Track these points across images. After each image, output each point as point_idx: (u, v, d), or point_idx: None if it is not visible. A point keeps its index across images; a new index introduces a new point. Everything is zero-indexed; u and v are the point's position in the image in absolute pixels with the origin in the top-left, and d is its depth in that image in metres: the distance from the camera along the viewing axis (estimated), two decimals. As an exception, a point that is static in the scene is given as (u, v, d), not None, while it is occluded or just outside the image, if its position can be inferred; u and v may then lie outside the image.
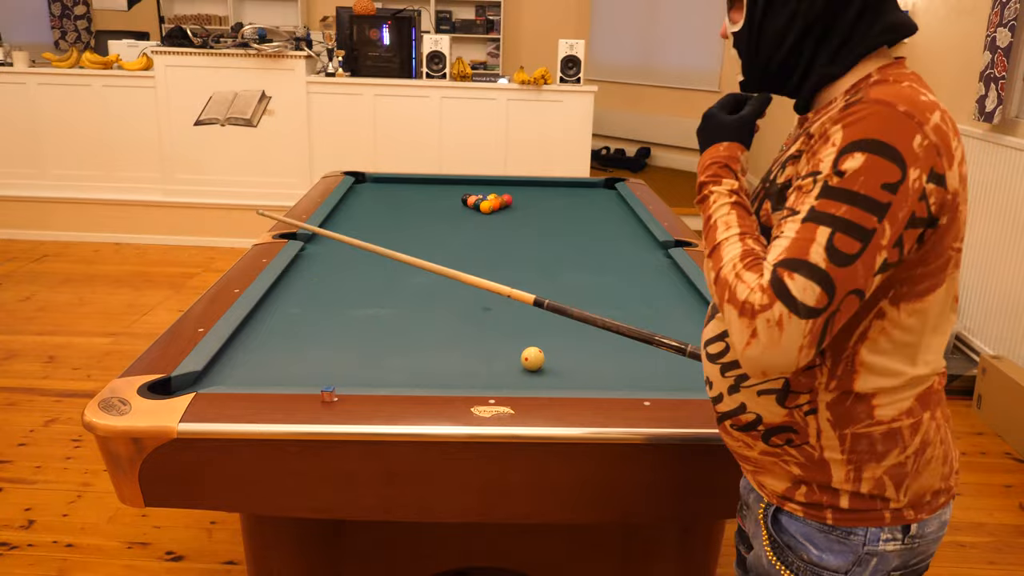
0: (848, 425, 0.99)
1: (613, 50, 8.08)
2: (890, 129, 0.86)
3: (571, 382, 1.66)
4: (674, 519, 1.50)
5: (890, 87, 0.91)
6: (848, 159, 0.87)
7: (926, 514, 1.03)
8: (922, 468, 1.01)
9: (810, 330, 0.86)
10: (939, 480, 1.04)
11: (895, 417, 0.99)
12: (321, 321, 1.96)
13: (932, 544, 1.06)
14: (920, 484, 1.02)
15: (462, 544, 1.83)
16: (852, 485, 1.00)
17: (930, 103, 0.90)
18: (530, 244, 2.64)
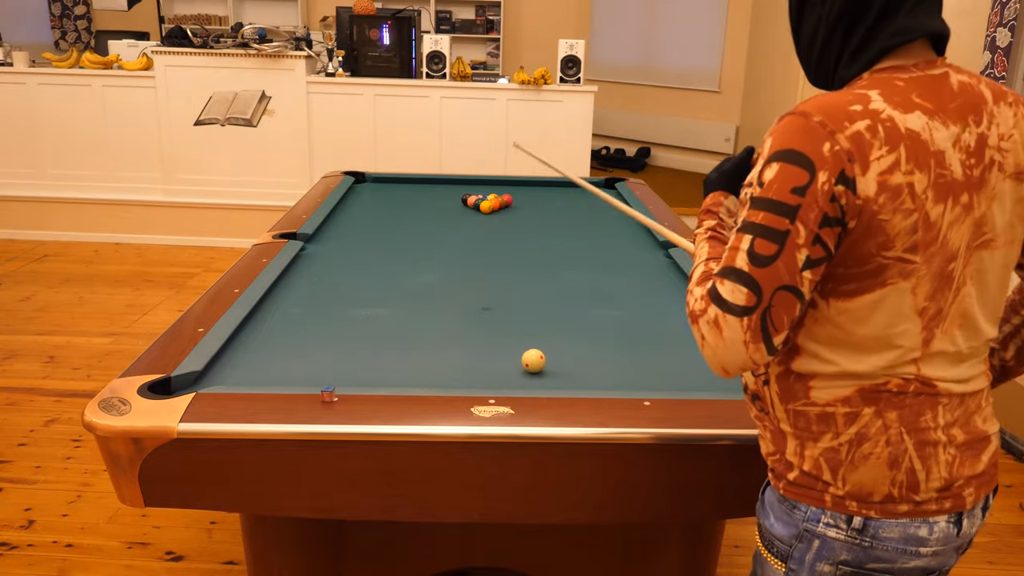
0: (790, 400, 1.07)
1: (613, 50, 8.08)
2: (802, 138, 0.94)
3: (571, 382, 1.66)
4: (674, 519, 1.50)
5: (827, 96, 0.98)
6: (767, 169, 0.97)
7: (876, 514, 1.04)
8: (858, 461, 1.04)
9: (748, 327, 0.97)
10: (886, 483, 1.04)
11: (829, 402, 1.04)
12: (321, 321, 1.96)
13: (897, 556, 1.05)
14: (859, 477, 1.04)
15: (462, 544, 1.83)
16: (798, 459, 1.08)
17: (860, 112, 0.94)
18: (530, 244, 2.64)
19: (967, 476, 1.07)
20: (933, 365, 1.04)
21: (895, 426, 1.03)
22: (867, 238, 0.96)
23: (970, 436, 1.08)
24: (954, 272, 1.00)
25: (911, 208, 0.95)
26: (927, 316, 1.01)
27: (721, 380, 1.67)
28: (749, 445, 1.42)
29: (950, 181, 0.97)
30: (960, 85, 1.00)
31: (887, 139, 0.94)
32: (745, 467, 1.44)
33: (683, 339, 1.90)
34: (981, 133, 0.99)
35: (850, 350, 1.02)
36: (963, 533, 1.09)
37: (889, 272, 0.98)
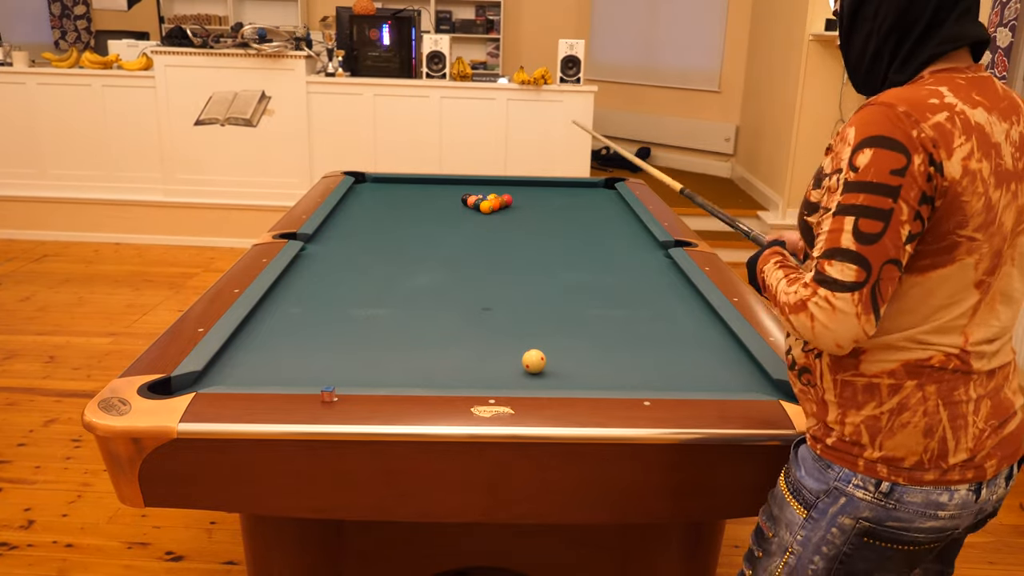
0: (839, 372, 1.16)
1: (613, 50, 8.08)
2: (891, 125, 1.03)
3: (571, 382, 1.66)
4: (674, 519, 1.50)
5: (904, 90, 1.07)
6: (859, 155, 1.04)
7: (903, 480, 1.13)
8: (896, 429, 1.13)
9: (859, 300, 1.05)
10: (919, 451, 1.13)
11: (876, 373, 1.13)
12: (321, 321, 1.96)
13: (916, 518, 1.13)
14: (894, 444, 1.13)
15: (462, 544, 1.83)
16: (839, 426, 1.17)
17: (939, 105, 1.04)
18: (530, 244, 2.64)
19: (991, 447, 1.16)
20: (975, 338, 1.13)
21: (933, 398, 1.12)
22: (948, 217, 1.05)
23: (997, 408, 1.17)
24: (1002, 250, 1.11)
25: (982, 192, 1.05)
26: (982, 288, 1.11)
27: (721, 380, 1.67)
28: (749, 445, 1.42)
29: (1006, 170, 1.08)
30: (1003, 89, 1.12)
31: (963, 130, 1.04)
32: (745, 467, 1.44)
33: (683, 339, 1.90)
34: (1022, 131, 1.10)
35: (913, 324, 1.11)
36: (981, 500, 1.16)
37: (960, 249, 1.07)
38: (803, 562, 1.19)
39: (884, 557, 1.17)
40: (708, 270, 2.31)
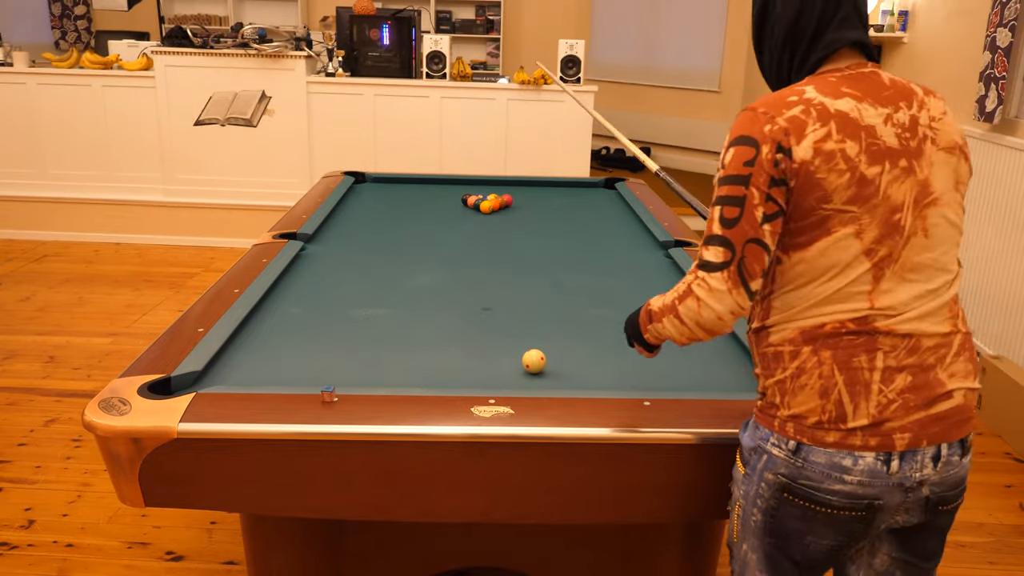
0: (759, 346, 1.30)
1: (613, 50, 8.08)
2: (749, 125, 1.21)
3: (571, 382, 1.66)
4: (674, 519, 1.50)
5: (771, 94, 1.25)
6: (726, 155, 1.23)
7: (807, 440, 1.23)
8: (796, 390, 1.24)
9: (728, 277, 1.21)
10: (818, 411, 1.22)
11: (779, 342, 1.26)
12: (321, 321, 1.96)
13: (824, 479, 1.22)
14: (796, 403, 1.24)
15: (462, 544, 1.84)
16: (762, 392, 1.31)
17: (796, 101, 1.20)
18: (530, 244, 2.64)
19: (907, 422, 1.21)
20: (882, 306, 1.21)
21: (828, 363, 1.22)
22: (807, 193, 1.19)
23: (921, 385, 1.22)
24: (901, 222, 1.21)
25: (844, 168, 1.18)
26: (875, 256, 1.20)
27: (721, 380, 1.67)
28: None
29: (884, 148, 1.20)
30: (891, 80, 1.26)
31: (819, 117, 1.19)
32: (745, 467, 1.44)
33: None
34: (913, 115, 1.23)
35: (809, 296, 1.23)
36: (898, 474, 1.22)
37: (832, 221, 1.19)
38: (746, 514, 1.32)
39: (808, 518, 1.25)
40: (708, 270, 2.30)
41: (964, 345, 1.28)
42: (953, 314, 1.27)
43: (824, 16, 1.25)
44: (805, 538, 1.27)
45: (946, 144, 1.25)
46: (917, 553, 1.32)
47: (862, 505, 1.23)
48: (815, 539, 1.27)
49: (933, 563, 1.35)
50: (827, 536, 1.26)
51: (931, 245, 1.23)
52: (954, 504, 1.30)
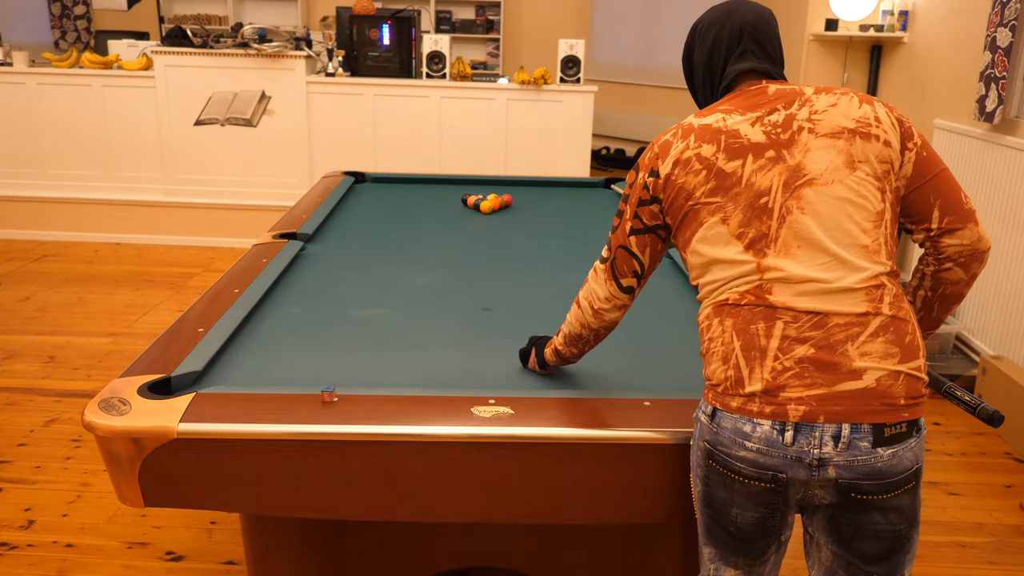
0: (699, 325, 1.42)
1: (613, 50, 8.08)
2: (641, 155, 1.46)
3: (571, 382, 1.66)
4: (674, 519, 1.50)
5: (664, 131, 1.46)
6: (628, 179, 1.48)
7: (719, 405, 1.31)
8: (710, 358, 1.35)
9: (606, 270, 1.51)
10: (722, 377, 1.31)
11: (701, 320, 1.39)
12: (321, 321, 1.96)
13: (731, 445, 1.29)
14: (710, 372, 1.34)
15: (462, 544, 1.84)
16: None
17: (673, 131, 1.42)
18: (530, 244, 2.64)
19: (805, 395, 1.25)
20: (773, 282, 1.30)
21: (729, 330, 1.32)
22: (675, 197, 1.39)
23: (825, 360, 1.25)
24: (769, 204, 1.32)
25: (699, 168, 1.35)
26: (747, 240, 1.33)
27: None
28: (749, 445, 1.42)
29: (747, 144, 1.34)
30: (777, 90, 1.39)
31: (683, 135, 1.39)
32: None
33: (683, 340, 1.90)
34: (790, 113, 1.35)
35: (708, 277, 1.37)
36: (794, 447, 1.24)
37: (701, 214, 1.36)
38: (695, 482, 1.38)
39: (728, 486, 1.31)
40: (708, 270, 2.30)
41: (887, 327, 1.27)
42: (873, 296, 1.28)
43: (728, 54, 1.46)
44: (731, 509, 1.32)
45: (828, 131, 1.33)
46: (855, 552, 1.29)
47: (767, 476, 1.27)
48: (740, 510, 1.31)
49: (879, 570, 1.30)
50: (749, 508, 1.30)
51: (817, 223, 1.30)
52: (877, 498, 1.26)
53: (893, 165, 1.34)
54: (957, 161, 3.88)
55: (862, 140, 1.33)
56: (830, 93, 1.39)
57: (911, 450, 1.27)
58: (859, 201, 1.31)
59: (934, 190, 1.36)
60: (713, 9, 1.52)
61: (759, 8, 1.48)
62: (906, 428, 1.26)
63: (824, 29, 5.10)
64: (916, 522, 1.32)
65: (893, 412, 1.25)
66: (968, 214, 1.36)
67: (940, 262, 1.41)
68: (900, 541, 1.29)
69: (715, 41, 1.47)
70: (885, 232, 1.32)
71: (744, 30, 1.45)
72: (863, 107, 1.35)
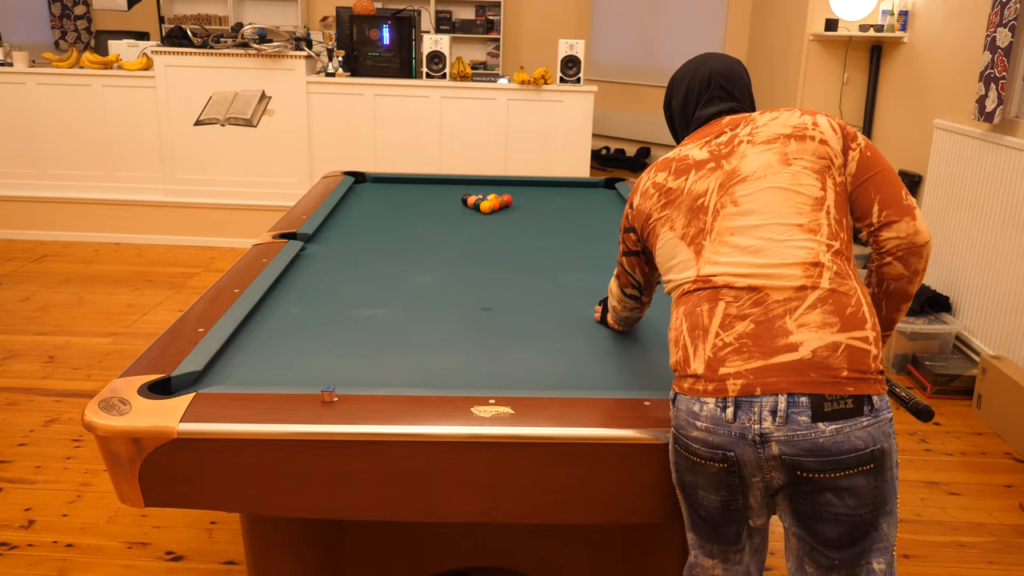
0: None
1: (613, 50, 8.08)
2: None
3: (571, 382, 1.66)
4: (674, 519, 1.50)
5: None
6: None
7: (677, 389, 1.37)
8: (670, 346, 1.43)
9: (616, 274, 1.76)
10: (675, 361, 1.39)
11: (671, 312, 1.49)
12: (321, 321, 1.96)
13: (687, 426, 1.33)
14: (670, 357, 1.42)
15: (462, 544, 1.84)
16: None
17: (647, 169, 1.58)
18: (530, 244, 2.65)
19: (743, 368, 1.28)
20: (710, 266, 1.38)
21: (680, 315, 1.40)
22: (644, 223, 1.54)
23: (764, 332, 1.29)
24: (705, 203, 1.43)
25: (653, 192, 1.52)
26: (688, 237, 1.44)
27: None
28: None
29: (692, 163, 1.48)
30: (730, 120, 1.53)
31: (649, 170, 1.57)
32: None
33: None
34: (733, 133, 1.48)
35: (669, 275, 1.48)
36: (737, 423, 1.27)
37: (658, 228, 1.50)
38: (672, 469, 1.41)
39: (691, 469, 1.34)
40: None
41: (825, 299, 1.30)
42: (811, 273, 1.32)
43: (698, 100, 1.60)
44: (698, 492, 1.35)
45: (765, 139, 1.44)
46: (816, 535, 1.29)
47: (718, 456, 1.30)
48: (705, 493, 1.35)
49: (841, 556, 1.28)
50: (711, 490, 1.33)
51: (750, 211, 1.39)
52: (824, 477, 1.24)
53: (833, 161, 1.41)
54: (957, 161, 3.88)
55: (797, 141, 1.42)
56: (775, 111, 1.49)
57: (862, 429, 1.24)
58: (794, 188, 1.39)
59: (875, 186, 1.41)
60: (688, 63, 1.67)
61: (728, 59, 1.63)
62: (852, 404, 1.24)
63: (824, 29, 5.10)
64: (885, 511, 1.28)
65: (833, 385, 1.24)
66: (906, 208, 1.41)
67: (881, 256, 1.44)
68: (863, 528, 1.27)
69: (687, 90, 1.62)
70: (828, 217, 1.37)
71: (712, 78, 1.59)
72: (803, 117, 1.45)
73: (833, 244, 1.36)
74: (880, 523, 1.28)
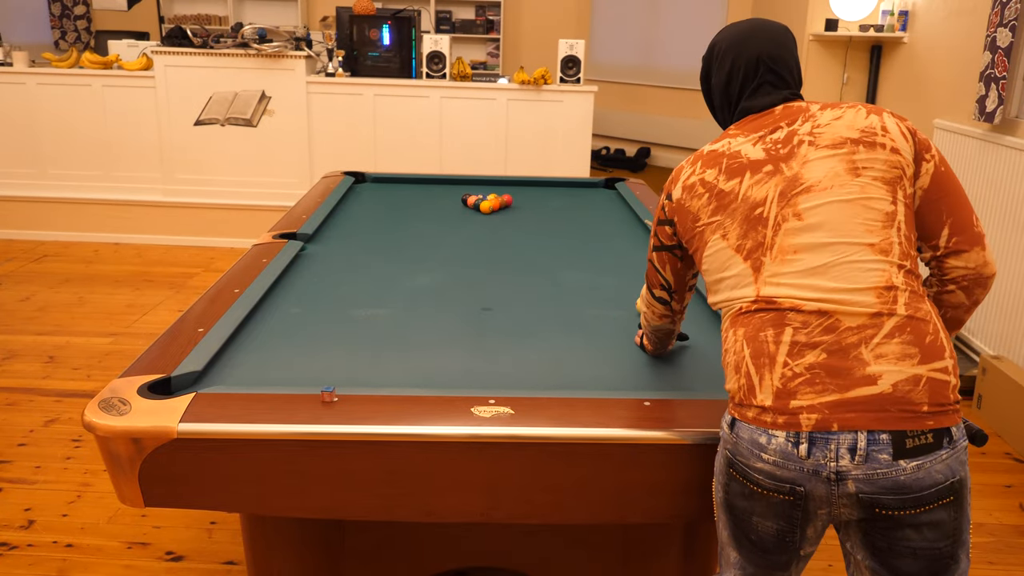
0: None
1: (613, 50, 8.08)
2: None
3: (571, 382, 1.66)
4: (674, 519, 1.50)
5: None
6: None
7: (737, 414, 1.29)
8: (726, 368, 1.35)
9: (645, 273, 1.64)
10: (736, 387, 1.30)
11: (723, 331, 1.39)
12: (321, 321, 1.96)
13: (749, 456, 1.26)
14: (728, 381, 1.34)
15: (462, 544, 1.84)
16: None
17: (690, 158, 1.47)
18: (530, 244, 2.64)
19: (817, 402, 1.20)
20: (772, 286, 1.30)
21: (741, 338, 1.31)
22: (684, 220, 1.44)
23: (838, 365, 1.21)
24: (764, 214, 1.32)
25: (703, 192, 1.40)
26: (745, 251, 1.34)
27: (721, 380, 1.68)
28: (749, 445, 1.42)
29: (746, 163, 1.36)
30: (784, 109, 1.40)
31: (693, 162, 1.45)
32: (745, 467, 1.44)
33: (684, 336, 1.90)
34: (792, 129, 1.36)
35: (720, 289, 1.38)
36: (810, 460, 1.20)
37: (706, 234, 1.40)
38: (715, 490, 1.37)
39: (748, 496, 1.28)
40: (708, 270, 2.31)
41: (903, 327, 1.22)
42: (886, 298, 1.23)
43: (743, 86, 1.46)
44: (752, 518, 1.29)
45: (829, 142, 1.32)
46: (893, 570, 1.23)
47: (785, 488, 1.23)
48: (760, 519, 1.28)
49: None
50: (768, 518, 1.27)
51: (815, 226, 1.28)
52: (904, 514, 1.19)
53: (905, 172, 1.30)
54: (957, 161, 3.88)
55: (866, 148, 1.30)
56: (836, 108, 1.37)
57: (942, 462, 1.18)
58: (864, 202, 1.28)
59: (948, 207, 1.32)
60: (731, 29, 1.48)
61: (776, 32, 1.45)
62: (932, 439, 1.18)
63: (824, 29, 5.10)
64: (961, 540, 1.22)
65: (915, 419, 1.18)
66: (977, 237, 1.33)
67: (943, 283, 1.37)
68: (942, 561, 1.21)
69: (731, 71, 1.46)
70: (899, 234, 1.27)
71: (760, 61, 1.43)
72: (870, 118, 1.33)
73: (904, 264, 1.27)
74: (959, 554, 1.23)
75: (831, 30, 5.06)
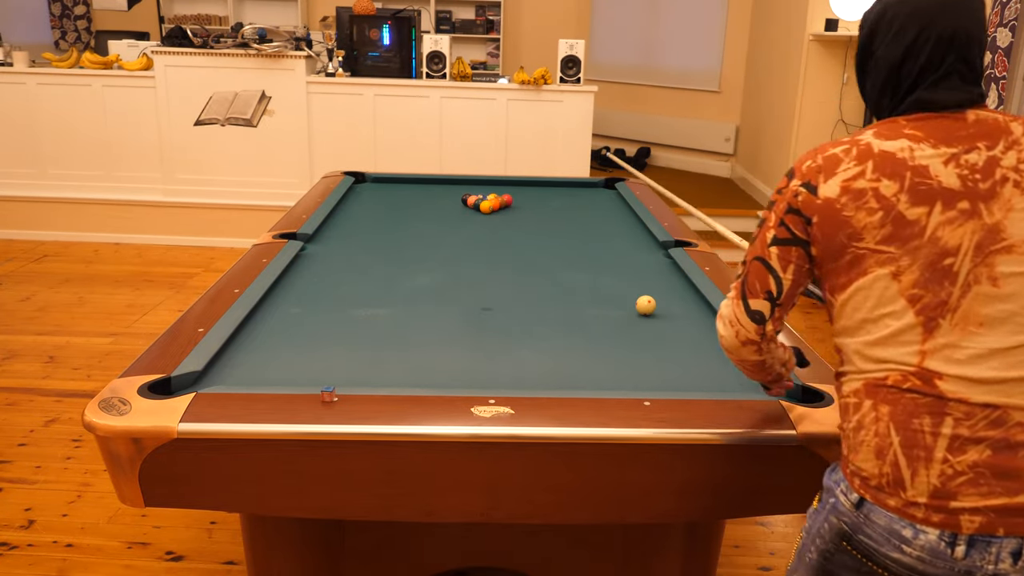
0: (837, 393, 1.27)
1: (613, 50, 8.08)
2: (798, 161, 1.24)
3: (571, 382, 1.66)
4: (674, 519, 1.50)
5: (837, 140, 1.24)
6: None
7: (870, 497, 1.16)
8: (856, 446, 1.19)
9: (735, 287, 1.30)
10: (876, 472, 1.15)
11: (846, 394, 1.22)
12: (321, 321, 1.96)
13: (883, 543, 1.14)
14: (857, 460, 1.18)
15: (462, 544, 1.84)
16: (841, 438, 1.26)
17: (845, 142, 1.20)
18: (530, 244, 2.64)
19: (981, 504, 1.09)
20: (942, 361, 1.11)
21: (885, 420, 1.15)
22: (835, 230, 1.17)
23: (1004, 465, 1.10)
24: (954, 267, 1.11)
25: (876, 207, 1.14)
26: (920, 302, 1.12)
27: (721, 380, 1.67)
28: (748, 445, 1.42)
29: (937, 189, 1.12)
30: (978, 119, 1.16)
31: (858, 157, 1.16)
32: (744, 467, 1.44)
33: (683, 339, 1.90)
34: (993, 156, 1.13)
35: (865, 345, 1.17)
36: (965, 560, 1.10)
37: (867, 261, 1.15)
38: (804, 548, 1.27)
39: (862, 572, 1.18)
40: (708, 270, 2.31)
41: None
42: None
43: (924, 72, 1.18)
44: None
45: None
46: None
47: None
48: None
49: None
50: None
51: (1007, 296, 1.10)
52: None
53: None
54: (957, 161, 3.88)
55: None
56: None
57: None
58: None
59: None
60: None
61: (976, 7, 1.18)
62: None
63: (824, 29, 5.10)
64: None
65: None
66: None
67: None
68: None
69: (913, 45, 1.18)
70: None
71: (955, 42, 1.16)
72: None
73: None
74: None
75: (831, 30, 5.06)
